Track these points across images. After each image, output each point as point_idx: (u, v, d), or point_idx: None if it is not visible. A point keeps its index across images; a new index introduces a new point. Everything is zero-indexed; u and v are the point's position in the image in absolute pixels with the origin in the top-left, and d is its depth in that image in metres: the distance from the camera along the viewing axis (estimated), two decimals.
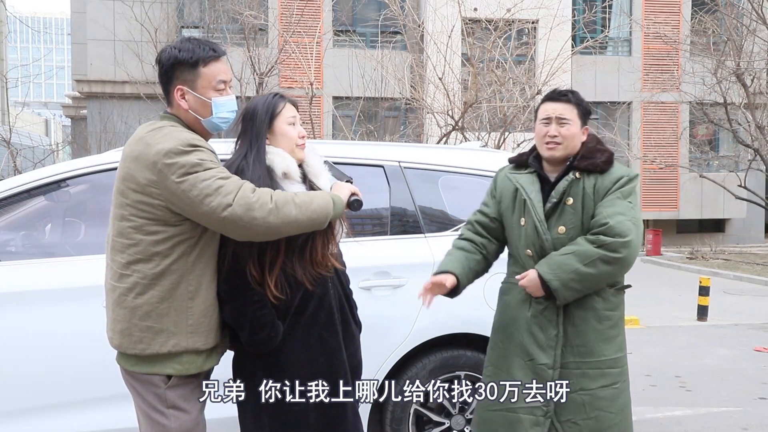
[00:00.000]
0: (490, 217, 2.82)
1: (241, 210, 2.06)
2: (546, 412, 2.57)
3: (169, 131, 2.17)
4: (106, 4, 16.26)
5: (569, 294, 2.53)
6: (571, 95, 2.67)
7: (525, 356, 2.62)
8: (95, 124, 16.38)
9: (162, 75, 2.27)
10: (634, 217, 2.55)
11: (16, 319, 3.01)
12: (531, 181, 2.68)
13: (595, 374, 2.58)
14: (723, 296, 10.54)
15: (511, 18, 12.39)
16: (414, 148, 4.16)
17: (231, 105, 2.30)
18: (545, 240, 2.60)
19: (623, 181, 2.59)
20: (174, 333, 2.17)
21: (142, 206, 2.13)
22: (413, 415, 3.39)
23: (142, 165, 2.12)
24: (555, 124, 2.62)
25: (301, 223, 2.16)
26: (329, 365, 2.34)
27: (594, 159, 2.61)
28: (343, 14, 17.05)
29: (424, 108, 13.09)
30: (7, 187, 3.20)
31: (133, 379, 2.24)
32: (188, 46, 2.24)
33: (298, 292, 2.30)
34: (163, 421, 2.20)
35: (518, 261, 2.72)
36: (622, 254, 2.49)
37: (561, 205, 2.60)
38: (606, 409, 2.57)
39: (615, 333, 2.62)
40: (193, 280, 2.19)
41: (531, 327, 2.61)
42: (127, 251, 2.16)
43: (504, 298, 2.78)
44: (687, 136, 18.71)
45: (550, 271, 2.53)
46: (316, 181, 2.37)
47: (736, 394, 5.37)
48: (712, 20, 15.52)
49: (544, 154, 2.67)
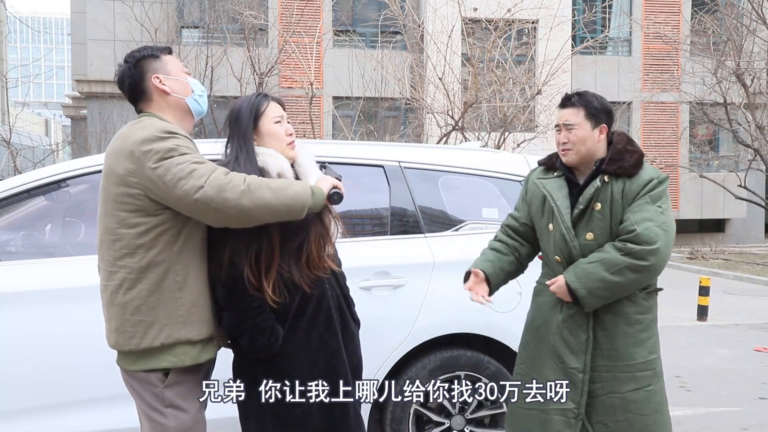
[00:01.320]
0: (520, 221, 2.83)
1: (212, 191, 2.06)
2: (577, 414, 2.58)
3: (146, 123, 2.21)
4: (106, 4, 16.24)
5: (596, 301, 2.53)
6: (577, 98, 2.65)
7: (557, 359, 2.63)
8: (95, 124, 16.36)
9: (132, 74, 2.29)
10: (664, 223, 2.51)
11: (16, 319, 3.01)
12: (559, 187, 2.68)
13: (625, 378, 2.57)
14: (723, 296, 10.53)
15: (511, 18, 12.40)
16: (414, 148, 4.16)
17: (200, 85, 2.39)
18: (573, 247, 2.59)
19: (652, 185, 2.55)
20: (165, 324, 2.18)
21: (123, 198, 2.15)
22: (413, 415, 3.39)
23: (120, 157, 2.15)
24: (564, 130, 2.64)
25: (275, 208, 2.14)
26: (330, 366, 2.34)
27: (622, 162, 2.57)
28: (343, 14, 17.04)
29: (424, 108, 13.09)
30: (7, 187, 3.19)
31: (132, 380, 2.25)
32: (141, 47, 2.36)
33: (297, 294, 2.29)
34: (162, 420, 2.21)
35: (549, 266, 2.73)
36: (650, 262, 2.46)
37: (589, 211, 2.58)
38: (638, 412, 2.57)
39: (646, 336, 2.61)
40: (180, 270, 2.19)
41: (562, 331, 2.62)
42: (113, 247, 2.18)
43: (537, 299, 2.79)
44: (687, 136, 18.69)
45: (576, 279, 2.53)
46: (306, 179, 2.36)
47: (736, 394, 5.36)
48: (712, 20, 15.51)
49: (562, 160, 2.69)
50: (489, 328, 3.44)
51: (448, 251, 3.46)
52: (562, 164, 2.71)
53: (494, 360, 3.45)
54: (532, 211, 2.78)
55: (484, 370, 3.42)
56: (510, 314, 3.40)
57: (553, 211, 2.65)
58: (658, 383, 2.65)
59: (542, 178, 2.76)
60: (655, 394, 2.62)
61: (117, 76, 2.33)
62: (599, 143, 2.64)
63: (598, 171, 2.61)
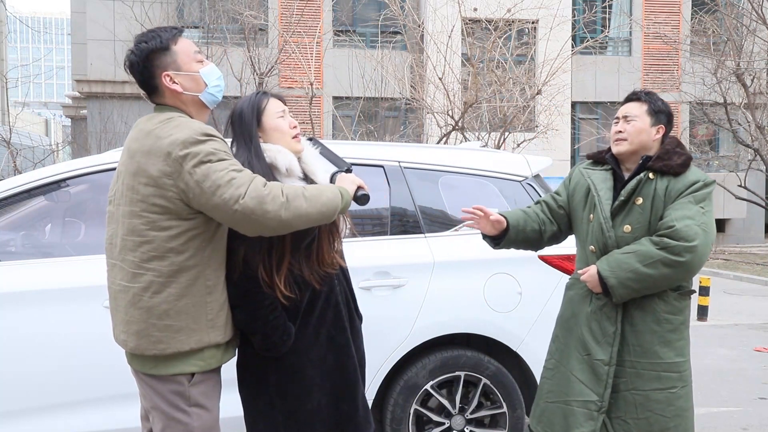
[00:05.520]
0: (558, 203, 2.85)
1: (253, 203, 2.03)
2: (600, 407, 2.58)
3: (179, 122, 2.14)
4: (106, 4, 16.24)
5: (625, 292, 2.52)
6: (643, 94, 2.71)
7: (583, 350, 2.63)
8: (95, 124, 16.37)
9: (142, 72, 2.21)
10: (704, 223, 2.50)
11: (16, 319, 3.01)
12: (604, 179, 2.70)
13: (649, 375, 2.56)
14: (723, 296, 10.53)
15: (511, 18, 12.40)
16: (414, 148, 4.15)
17: (216, 71, 2.28)
18: (609, 237, 2.60)
19: (698, 186, 2.55)
20: (195, 330, 2.14)
21: (154, 199, 2.09)
22: (413, 415, 3.39)
23: (155, 157, 2.08)
24: (622, 121, 2.67)
25: (311, 216, 2.13)
26: (339, 362, 2.35)
27: (669, 161, 2.58)
28: (343, 14, 17.04)
29: (424, 108, 13.10)
30: (7, 187, 3.19)
31: (151, 380, 2.19)
32: (150, 35, 2.21)
33: (307, 291, 2.30)
34: (186, 419, 2.17)
35: (583, 257, 2.75)
36: (685, 258, 2.45)
37: (629, 204, 2.59)
38: (659, 412, 2.56)
39: (675, 337, 2.59)
40: (210, 274, 2.16)
41: (590, 322, 2.63)
42: (140, 249, 2.11)
43: (569, 292, 2.80)
44: (687, 136, 18.68)
45: (608, 268, 2.53)
46: (314, 176, 2.37)
47: (736, 394, 5.37)
48: (712, 20, 15.51)
49: (613, 150, 2.70)
50: (489, 328, 3.44)
51: (448, 251, 3.46)
52: (612, 157, 2.72)
53: (494, 360, 3.45)
54: (574, 200, 2.80)
55: (484, 370, 3.42)
56: (510, 314, 3.41)
57: (594, 201, 2.67)
58: (684, 388, 2.61)
59: (589, 169, 2.79)
60: (680, 399, 2.59)
61: (126, 63, 2.24)
62: (654, 142, 2.66)
63: (644, 166, 2.62)
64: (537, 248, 2.90)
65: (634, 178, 2.60)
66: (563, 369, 2.68)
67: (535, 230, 2.80)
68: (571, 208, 2.81)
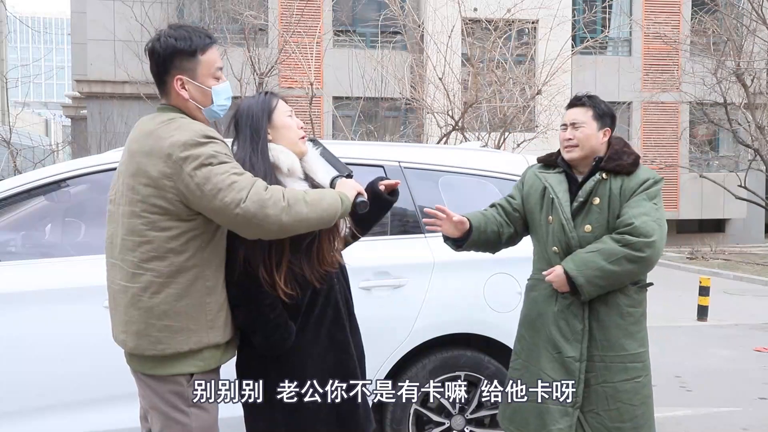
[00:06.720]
0: (513, 206, 2.90)
1: (254, 207, 2.03)
2: (574, 402, 2.64)
3: (180, 123, 2.13)
4: (106, 4, 16.24)
5: (593, 290, 2.61)
6: (587, 99, 2.79)
7: (553, 349, 2.70)
8: (95, 124, 16.36)
9: (159, 65, 2.19)
10: (659, 218, 2.64)
11: (16, 319, 3.01)
12: (559, 181, 2.78)
13: (617, 368, 2.66)
14: (723, 296, 10.53)
15: (511, 18, 12.41)
16: (414, 148, 4.16)
17: (228, 92, 2.27)
18: (572, 238, 2.69)
19: (649, 183, 2.68)
20: (194, 330, 2.14)
21: (154, 200, 2.08)
22: (413, 415, 3.39)
23: (155, 158, 2.07)
24: (570, 128, 2.75)
25: (311, 221, 2.14)
26: (339, 360, 2.36)
27: (621, 161, 2.70)
28: (343, 14, 17.03)
29: (424, 108, 13.09)
30: (7, 187, 3.19)
31: (150, 379, 2.19)
32: (184, 33, 2.17)
33: (307, 290, 2.31)
34: (185, 420, 2.17)
35: (544, 258, 2.80)
36: (646, 254, 2.58)
37: (588, 205, 2.70)
38: (627, 402, 2.66)
39: (637, 329, 2.71)
40: (210, 275, 2.16)
41: (558, 321, 2.70)
42: (140, 249, 2.11)
43: (531, 294, 2.86)
44: (687, 136, 18.69)
45: (575, 267, 2.61)
46: (315, 177, 2.37)
47: (736, 394, 5.37)
48: (712, 20, 15.51)
49: (565, 157, 2.78)
50: (489, 328, 3.44)
51: (448, 251, 3.45)
52: (563, 161, 2.80)
53: (494, 360, 3.45)
54: (529, 203, 2.86)
55: (484, 370, 3.42)
56: (510, 314, 3.39)
57: (553, 202, 2.74)
58: (647, 377, 2.73)
59: (543, 172, 2.86)
60: (644, 387, 2.71)
61: (148, 46, 2.19)
62: (602, 144, 2.76)
63: (596, 168, 2.72)
64: (495, 250, 2.94)
65: (590, 179, 2.70)
66: (533, 368, 2.74)
67: (495, 232, 2.85)
68: (526, 210, 2.88)
